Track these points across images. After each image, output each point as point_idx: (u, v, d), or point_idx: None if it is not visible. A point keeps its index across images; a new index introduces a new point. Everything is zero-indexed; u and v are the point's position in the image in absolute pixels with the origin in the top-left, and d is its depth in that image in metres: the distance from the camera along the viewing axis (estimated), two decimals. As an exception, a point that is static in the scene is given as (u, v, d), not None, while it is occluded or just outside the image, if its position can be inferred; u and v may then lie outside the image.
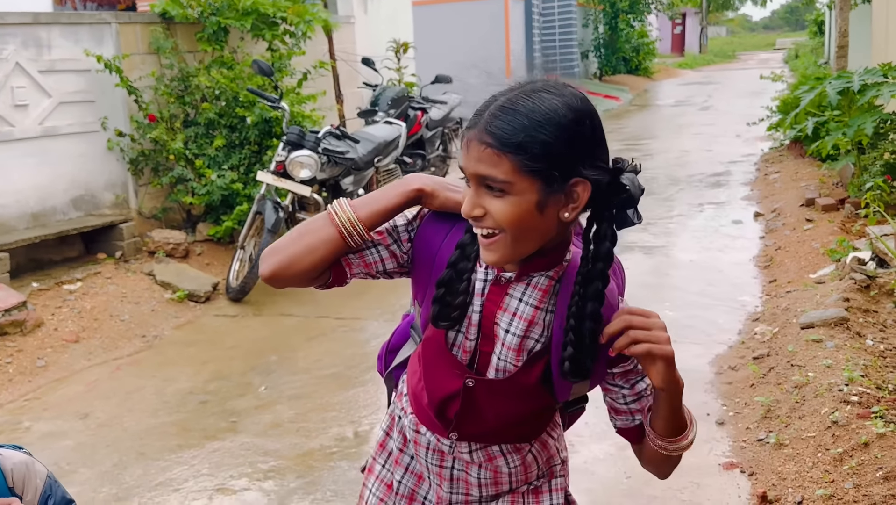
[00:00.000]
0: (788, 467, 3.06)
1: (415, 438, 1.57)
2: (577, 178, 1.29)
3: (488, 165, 1.27)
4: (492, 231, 1.31)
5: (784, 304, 4.75)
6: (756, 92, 17.76)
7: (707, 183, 9.13)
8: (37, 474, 1.54)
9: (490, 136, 1.27)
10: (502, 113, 1.28)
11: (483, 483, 1.57)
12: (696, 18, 42.03)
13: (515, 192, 1.28)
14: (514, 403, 1.46)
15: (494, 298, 1.42)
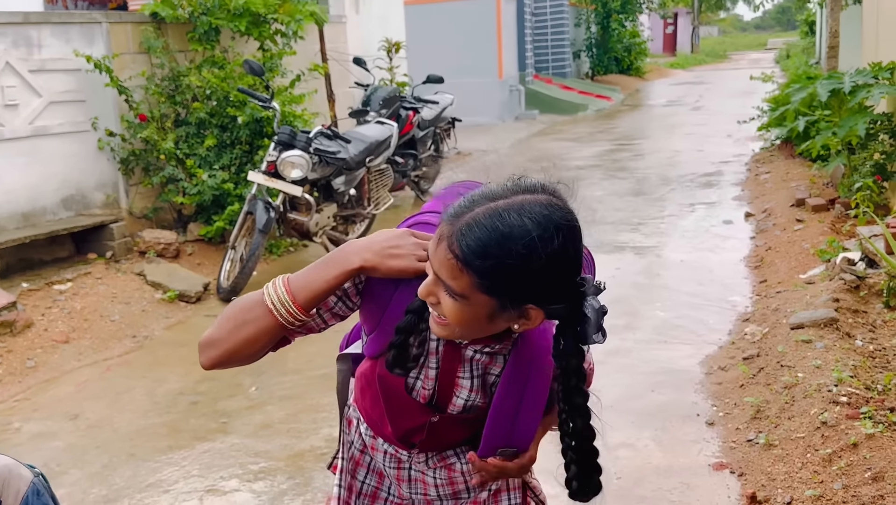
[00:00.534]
0: (778, 468, 3.07)
1: (372, 444, 1.62)
2: (530, 306, 1.29)
3: (449, 276, 1.27)
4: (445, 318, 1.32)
5: (774, 304, 4.76)
6: (747, 92, 17.80)
7: (698, 183, 9.15)
8: (20, 479, 1.52)
9: (458, 250, 1.25)
10: (478, 230, 1.24)
11: (439, 483, 1.61)
12: (688, 18, 42.09)
13: (469, 304, 1.28)
14: (477, 425, 1.50)
15: (451, 355, 1.45)
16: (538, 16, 20.24)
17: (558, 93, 18.64)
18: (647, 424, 3.67)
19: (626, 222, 7.48)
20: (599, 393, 3.72)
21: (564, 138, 13.72)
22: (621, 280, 5.72)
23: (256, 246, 5.67)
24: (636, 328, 4.84)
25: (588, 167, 10.66)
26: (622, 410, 3.83)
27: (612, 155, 11.67)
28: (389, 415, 1.53)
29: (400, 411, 1.51)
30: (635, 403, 3.90)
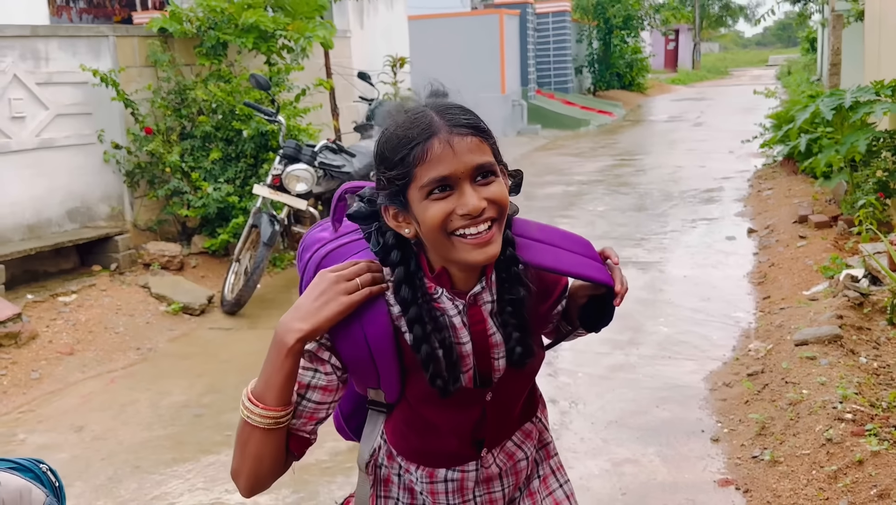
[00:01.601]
0: (783, 485, 3.07)
1: (430, 488, 1.56)
2: (502, 166, 1.39)
3: (480, 153, 1.33)
4: (490, 221, 1.33)
5: (778, 320, 4.77)
6: (749, 108, 17.87)
7: (700, 199, 9.18)
8: (32, 503, 1.50)
9: (468, 128, 1.32)
10: (459, 110, 1.34)
11: (507, 490, 1.60)
12: (689, 35, 42.27)
13: (499, 174, 1.36)
14: (530, 377, 1.55)
15: (476, 318, 1.44)
16: (541, 31, 20.33)
17: (560, 108, 18.71)
18: (651, 440, 3.67)
19: (628, 238, 7.49)
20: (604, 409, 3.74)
21: (567, 153, 13.76)
22: (625, 295, 5.71)
23: (261, 259, 5.68)
24: (640, 343, 4.85)
25: (590, 182, 10.69)
26: (627, 425, 3.83)
27: (614, 170, 11.70)
28: (447, 423, 1.49)
29: (454, 416, 1.48)
30: (640, 418, 3.90)
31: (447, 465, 1.54)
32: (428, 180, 1.30)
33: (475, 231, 1.32)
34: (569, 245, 1.50)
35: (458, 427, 1.49)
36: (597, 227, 7.96)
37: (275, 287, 6.39)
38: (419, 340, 1.38)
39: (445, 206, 1.31)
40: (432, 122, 1.32)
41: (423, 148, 1.30)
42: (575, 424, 3.86)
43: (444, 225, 1.31)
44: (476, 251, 1.33)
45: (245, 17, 6.62)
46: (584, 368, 4.50)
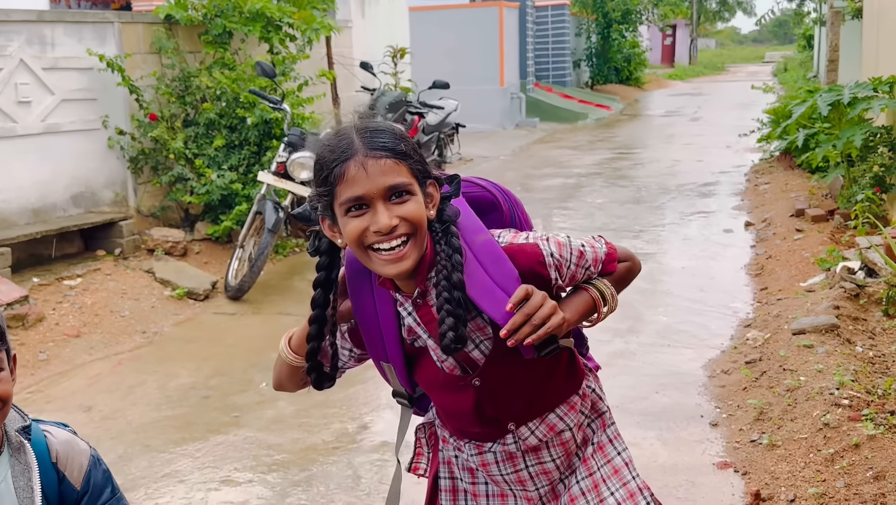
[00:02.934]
0: (781, 467, 3.15)
1: (481, 462, 1.68)
2: (430, 180, 1.51)
3: (394, 174, 1.44)
4: (404, 238, 1.45)
5: (775, 311, 4.85)
6: (745, 104, 17.96)
7: (698, 193, 9.25)
8: (81, 453, 1.59)
9: (384, 151, 1.44)
10: (376, 133, 1.46)
11: (558, 460, 1.68)
12: (687, 30, 42.34)
13: (415, 193, 1.46)
14: (523, 366, 1.58)
15: (428, 318, 1.55)
16: (540, 25, 20.38)
17: (558, 101, 18.77)
18: (651, 425, 3.75)
19: (627, 229, 7.57)
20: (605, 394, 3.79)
21: (565, 146, 13.82)
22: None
23: (265, 245, 5.74)
24: (639, 332, 4.93)
25: (589, 175, 10.76)
26: (627, 410, 3.91)
27: (612, 163, 11.77)
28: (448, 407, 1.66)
29: (453, 400, 1.63)
30: (640, 404, 3.98)
31: (486, 439, 1.66)
32: (345, 199, 1.45)
33: (387, 246, 1.45)
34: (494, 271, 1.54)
35: (458, 409, 1.63)
36: (595, 219, 8.03)
37: (278, 274, 6.45)
38: (312, 337, 1.59)
39: (360, 223, 1.45)
40: (351, 145, 1.44)
41: (340, 169, 1.44)
42: (576, 409, 3.93)
43: (361, 240, 1.46)
44: (388, 266, 1.47)
45: (251, 4, 6.66)
46: (584, 355, 4.56)
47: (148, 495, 3.31)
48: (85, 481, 1.56)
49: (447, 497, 1.79)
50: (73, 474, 1.55)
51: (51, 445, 1.55)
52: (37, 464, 1.51)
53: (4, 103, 5.68)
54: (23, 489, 1.49)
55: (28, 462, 1.51)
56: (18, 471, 1.50)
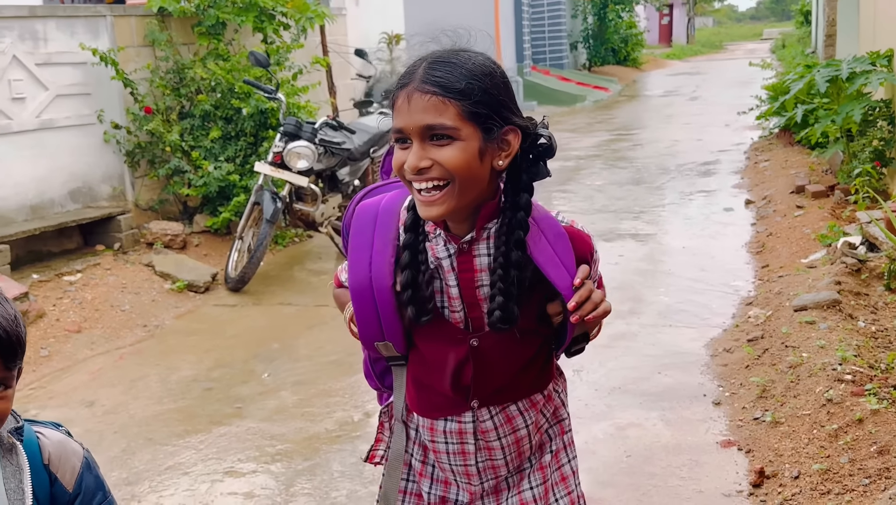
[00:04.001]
0: (785, 444, 3.14)
1: (433, 445, 1.64)
2: (509, 126, 1.41)
3: (435, 114, 1.36)
4: (438, 182, 1.39)
5: (777, 288, 4.84)
6: (744, 82, 17.87)
7: (697, 172, 9.22)
8: (73, 454, 1.56)
9: (433, 85, 1.36)
10: (440, 65, 1.38)
11: (509, 456, 1.64)
12: (684, 9, 42.12)
13: (461, 138, 1.37)
14: (519, 345, 1.55)
15: (465, 266, 1.50)
16: (535, 7, 20.28)
17: (556, 84, 18.69)
18: (654, 405, 3.74)
19: (627, 211, 7.55)
20: (607, 376, 3.82)
21: (563, 129, 13.77)
22: (624, 267, 5.79)
23: (264, 236, 5.72)
24: (641, 313, 4.92)
25: (588, 157, 10.73)
26: (630, 391, 3.90)
27: (611, 145, 11.74)
28: (434, 361, 1.57)
29: (441, 352, 1.56)
30: (642, 384, 3.97)
31: (444, 412, 1.60)
32: (392, 128, 1.42)
33: (418, 187, 1.41)
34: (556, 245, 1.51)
35: (442, 363, 1.56)
36: (595, 202, 8.01)
37: (277, 264, 6.44)
38: (405, 265, 1.49)
39: (400, 156, 1.41)
40: (413, 73, 1.40)
41: (396, 95, 1.41)
42: (579, 391, 3.93)
43: (401, 173, 1.42)
44: (422, 207, 1.43)
45: (244, -6, 6.63)
46: (586, 337, 4.55)
47: (152, 488, 3.32)
48: (77, 484, 1.54)
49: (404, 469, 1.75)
50: (65, 477, 1.53)
51: (43, 446, 1.53)
52: (28, 466, 1.49)
53: (-2, 100, 5.66)
54: (14, 491, 1.48)
55: (19, 464, 1.49)
56: (10, 473, 1.48)
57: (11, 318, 1.38)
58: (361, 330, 1.58)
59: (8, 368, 1.38)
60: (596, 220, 7.16)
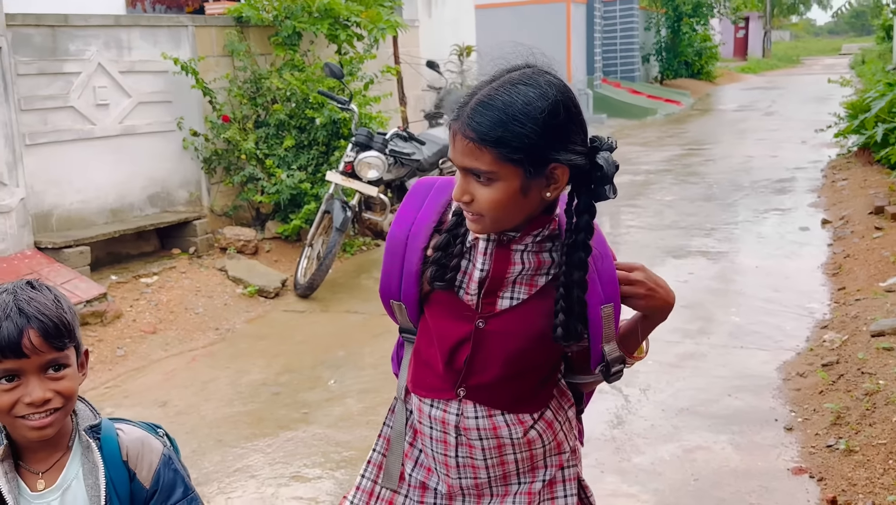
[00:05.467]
0: (859, 473, 3.06)
1: (420, 427, 1.67)
2: (555, 164, 1.42)
3: (472, 159, 1.42)
4: (476, 216, 1.47)
5: (853, 311, 4.71)
6: (822, 98, 17.46)
7: (772, 189, 9.03)
8: (152, 451, 1.61)
9: (472, 132, 1.40)
10: (482, 108, 1.41)
11: (489, 462, 1.63)
12: (760, 22, 41.34)
13: (500, 179, 1.42)
14: (522, 341, 1.56)
15: (501, 256, 1.53)
16: (608, 19, 20.14)
17: (627, 97, 18.53)
18: (723, 428, 3.67)
19: (698, 227, 7.43)
20: (675, 396, 3.76)
21: (633, 143, 13.64)
22: (694, 285, 5.70)
23: (333, 244, 5.80)
24: (711, 333, 4.83)
25: (658, 172, 10.60)
26: (698, 413, 3.84)
27: (682, 160, 11.58)
28: (438, 336, 1.60)
29: (447, 327, 1.59)
30: (712, 407, 3.90)
31: (432, 393, 1.63)
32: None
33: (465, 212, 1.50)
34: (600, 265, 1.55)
35: (444, 337, 1.59)
36: (665, 217, 7.91)
37: (346, 272, 6.52)
38: (448, 229, 1.56)
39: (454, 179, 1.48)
40: (463, 108, 1.44)
41: (450, 126, 1.47)
42: (645, 411, 3.88)
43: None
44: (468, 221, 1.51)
45: (320, 1, 6.74)
46: (653, 355, 4.45)
47: (221, 490, 3.39)
48: (154, 480, 1.57)
49: (382, 443, 1.79)
50: (142, 473, 1.57)
51: (122, 442, 1.57)
52: (103, 463, 1.54)
53: (83, 106, 5.86)
54: (91, 488, 1.53)
55: (95, 462, 1.54)
56: (87, 470, 1.54)
57: (52, 301, 1.47)
58: (382, 283, 1.65)
59: (56, 348, 1.45)
60: (665, 236, 7.07)
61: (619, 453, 3.47)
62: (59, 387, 1.46)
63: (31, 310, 1.45)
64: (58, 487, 1.52)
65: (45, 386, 1.45)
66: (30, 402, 1.43)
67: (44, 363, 1.44)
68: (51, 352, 1.45)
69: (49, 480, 1.53)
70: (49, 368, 1.46)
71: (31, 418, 1.44)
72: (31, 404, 1.43)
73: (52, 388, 1.45)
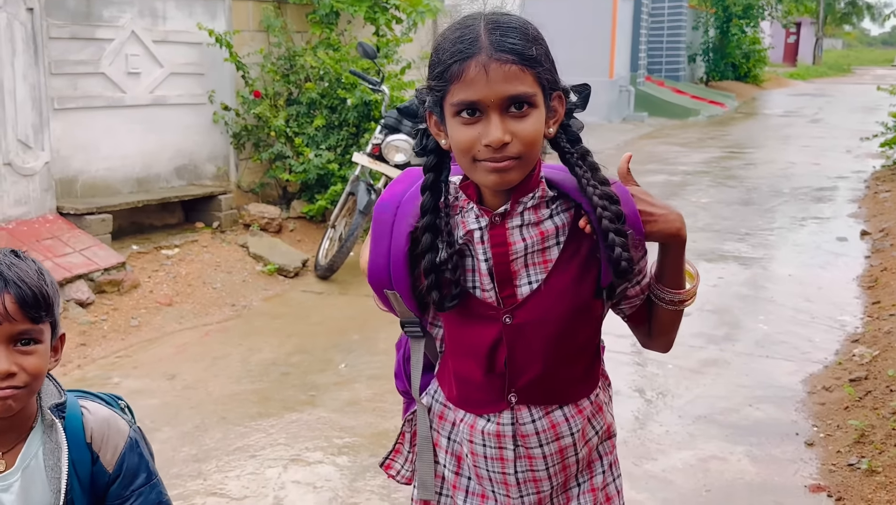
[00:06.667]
0: (880, 495, 2.91)
1: (471, 447, 1.52)
2: (556, 92, 1.36)
3: (517, 83, 1.29)
4: (516, 157, 1.32)
5: (887, 326, 4.53)
6: (870, 108, 17.03)
7: (812, 197, 8.80)
8: (117, 433, 1.52)
9: (512, 54, 1.28)
10: (507, 30, 1.30)
11: (552, 471, 1.51)
12: (812, 29, 40.59)
13: (537, 106, 1.31)
14: (558, 323, 1.43)
15: (498, 240, 1.41)
16: (655, 16, 19.83)
17: (670, 96, 18.25)
18: (741, 439, 3.53)
19: (732, 232, 7.25)
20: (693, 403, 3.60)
21: (673, 142, 13.41)
22: (724, 290, 5.53)
23: (356, 226, 5.73)
24: (736, 340, 4.68)
25: (695, 173, 10.39)
26: (716, 421, 3.70)
27: (721, 162, 11.34)
28: (465, 347, 1.47)
29: (473, 336, 1.46)
30: (730, 416, 3.76)
31: (482, 408, 1.49)
32: (458, 100, 1.32)
33: (491, 158, 1.32)
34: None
35: (475, 346, 1.46)
36: (699, 219, 7.72)
37: (368, 256, 6.43)
38: (425, 248, 1.41)
39: (470, 132, 1.32)
40: (476, 40, 1.30)
41: (460, 67, 1.30)
42: (661, 416, 3.75)
43: (469, 152, 1.33)
44: (492, 175, 1.33)
45: (358, -18, 6.66)
46: (674, 360, 4.36)
47: (219, 468, 3.32)
48: (118, 465, 1.49)
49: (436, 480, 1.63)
50: (106, 456, 1.49)
51: (86, 423, 1.49)
52: (66, 444, 1.46)
53: (114, 73, 5.83)
54: (52, 469, 1.45)
55: (58, 442, 1.46)
56: (49, 450, 1.46)
57: (34, 272, 1.39)
58: (371, 271, 1.50)
59: (33, 320, 1.37)
60: (698, 238, 6.90)
61: (630, 458, 3.34)
62: (26, 362, 1.37)
63: (11, 275, 1.36)
64: (17, 467, 1.44)
65: (12, 359, 1.35)
66: None
67: (14, 333, 1.36)
68: (24, 322, 1.36)
69: (10, 461, 1.44)
70: (19, 341, 1.37)
71: None
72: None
73: (19, 362, 1.36)
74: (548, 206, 1.43)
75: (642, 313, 1.55)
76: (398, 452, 1.65)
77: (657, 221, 1.44)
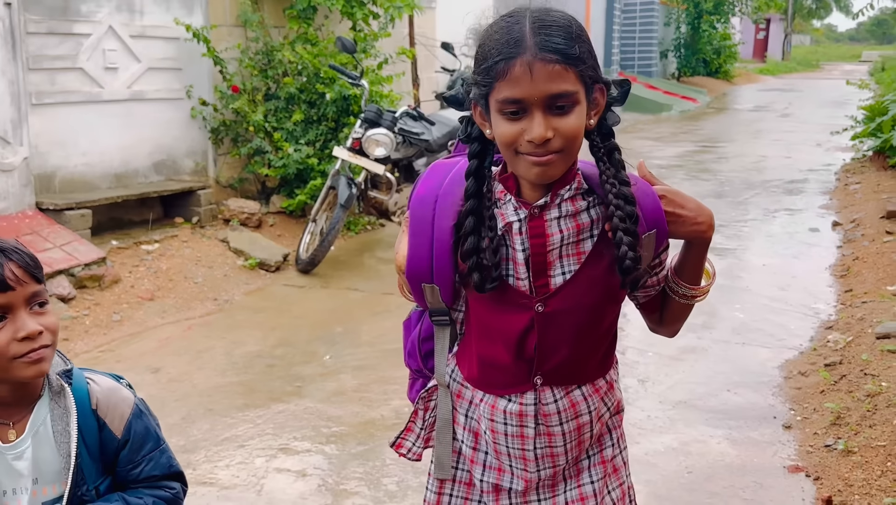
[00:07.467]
0: (856, 474, 3.00)
1: (492, 425, 1.57)
2: (598, 85, 1.40)
3: (560, 81, 1.33)
4: (555, 153, 1.36)
5: (859, 313, 4.63)
6: (839, 102, 17.31)
7: (784, 189, 8.94)
8: (123, 400, 1.56)
9: (555, 54, 1.32)
10: (551, 30, 1.34)
11: (569, 446, 1.57)
12: (781, 25, 41.04)
13: (579, 102, 1.36)
14: (587, 313, 1.49)
15: (536, 231, 1.46)
16: (627, 12, 19.99)
17: (643, 91, 18.38)
18: (720, 423, 3.61)
19: (706, 223, 7.33)
20: (673, 388, 3.67)
21: (646, 137, 13.53)
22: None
23: (337, 220, 5.75)
24: (713, 328, 4.77)
25: (670, 167, 10.51)
26: (696, 406, 3.78)
27: (694, 156, 11.48)
28: (496, 332, 1.51)
29: (504, 321, 1.50)
30: (710, 401, 3.84)
31: (505, 389, 1.54)
32: (503, 98, 1.36)
33: (538, 160, 1.37)
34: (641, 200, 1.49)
35: (505, 332, 1.51)
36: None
37: (348, 250, 6.46)
38: (468, 232, 1.45)
39: (514, 127, 1.36)
40: (522, 39, 1.34)
41: (505, 66, 1.34)
42: (642, 402, 3.82)
43: (512, 145, 1.37)
44: (535, 168, 1.38)
45: (336, -24, 6.67)
46: (653, 347, 4.43)
47: (207, 458, 3.34)
48: (126, 430, 1.54)
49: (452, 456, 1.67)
50: (113, 423, 1.54)
51: (92, 391, 1.53)
52: (76, 409, 1.50)
53: (92, 68, 5.80)
54: (60, 434, 1.49)
55: (67, 406, 1.50)
56: (57, 415, 1.50)
57: (18, 243, 1.50)
58: (411, 265, 1.52)
59: (37, 279, 1.47)
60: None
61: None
62: (46, 322, 1.46)
63: (7, 245, 1.45)
64: (27, 434, 1.48)
65: (36, 320, 1.44)
66: (25, 335, 1.42)
67: (28, 296, 1.44)
68: (33, 283, 1.45)
69: (20, 430, 1.49)
70: (34, 304, 1.46)
71: (28, 356, 1.43)
72: (27, 339, 1.42)
73: (41, 322, 1.45)
74: (584, 197, 1.47)
75: (655, 302, 1.62)
76: (410, 430, 1.68)
77: (684, 223, 1.51)
